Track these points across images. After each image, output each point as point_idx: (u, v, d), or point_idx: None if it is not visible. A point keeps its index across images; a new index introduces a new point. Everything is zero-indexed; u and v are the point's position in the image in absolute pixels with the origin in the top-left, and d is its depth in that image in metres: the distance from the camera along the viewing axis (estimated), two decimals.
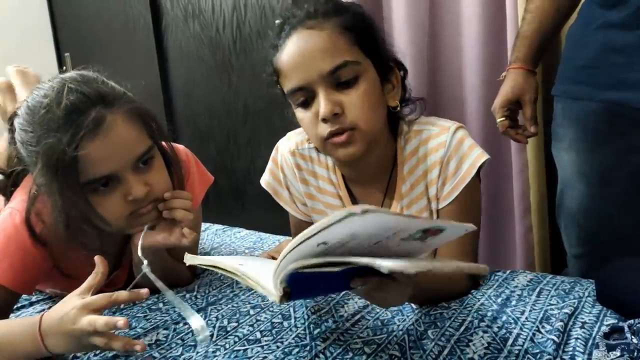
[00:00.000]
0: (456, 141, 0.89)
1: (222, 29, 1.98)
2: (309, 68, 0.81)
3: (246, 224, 1.54)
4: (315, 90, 0.82)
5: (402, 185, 0.93)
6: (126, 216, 0.84)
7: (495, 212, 1.57)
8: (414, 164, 0.92)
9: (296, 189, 1.00)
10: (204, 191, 1.06)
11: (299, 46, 0.82)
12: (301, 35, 0.83)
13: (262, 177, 1.05)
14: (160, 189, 0.87)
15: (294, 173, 0.99)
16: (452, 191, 0.90)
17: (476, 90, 1.48)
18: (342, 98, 0.82)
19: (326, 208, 0.99)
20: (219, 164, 2.16)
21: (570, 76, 1.03)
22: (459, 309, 0.84)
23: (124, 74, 0.92)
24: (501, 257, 1.59)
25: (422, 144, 0.91)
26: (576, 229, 1.09)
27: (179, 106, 2.24)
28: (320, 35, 0.81)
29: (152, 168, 0.86)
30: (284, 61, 0.84)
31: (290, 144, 1.00)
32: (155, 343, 0.79)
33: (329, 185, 0.98)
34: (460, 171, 0.89)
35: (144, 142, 0.84)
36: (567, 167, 1.06)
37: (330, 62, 0.81)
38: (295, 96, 0.85)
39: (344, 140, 0.83)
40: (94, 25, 2.45)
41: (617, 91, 0.94)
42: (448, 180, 0.90)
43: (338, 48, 0.81)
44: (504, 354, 0.70)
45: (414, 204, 0.94)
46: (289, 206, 1.02)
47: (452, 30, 1.50)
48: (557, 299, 0.85)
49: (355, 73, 0.82)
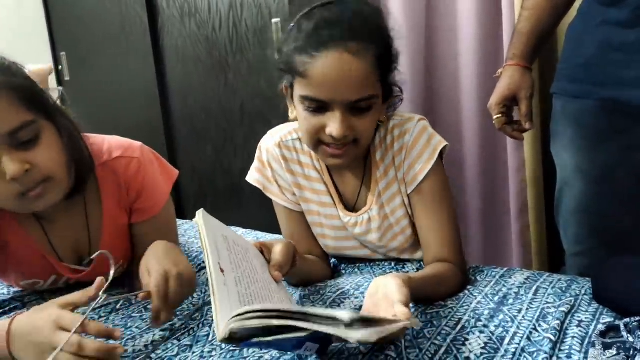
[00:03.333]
0: (419, 128, 0.95)
1: (219, 28, 1.97)
2: (339, 92, 0.83)
3: (243, 223, 1.54)
4: (332, 107, 0.85)
5: (377, 171, 0.98)
6: (15, 198, 0.81)
7: (492, 210, 1.57)
8: (384, 151, 0.98)
9: (284, 180, 1.03)
10: (170, 185, 1.04)
11: (337, 68, 0.82)
12: (342, 56, 0.81)
13: (249, 175, 1.07)
14: (48, 168, 0.82)
15: (280, 165, 1.02)
16: (417, 175, 0.95)
17: (473, 89, 1.48)
18: (354, 122, 0.86)
19: (313, 195, 1.02)
20: (215, 163, 2.15)
21: (569, 74, 1.03)
22: (456, 307, 0.84)
23: (120, 73, 0.91)
24: (498, 255, 1.60)
25: (389, 132, 0.97)
26: (575, 227, 1.09)
27: (176, 105, 2.23)
28: (359, 66, 0.82)
29: (36, 145, 0.81)
30: (315, 72, 0.83)
31: (275, 138, 1.03)
32: (152, 343, 0.78)
33: (314, 172, 1.02)
34: (423, 155, 0.94)
35: (16, 117, 0.79)
36: (566, 165, 1.06)
37: (358, 94, 0.84)
38: (308, 102, 0.86)
39: (340, 153, 0.88)
40: (90, 24, 2.44)
41: (616, 89, 0.94)
42: (413, 165, 0.95)
43: (369, 82, 0.84)
44: (500, 353, 0.70)
45: (390, 188, 0.98)
46: (280, 198, 1.05)
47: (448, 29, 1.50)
48: (553, 297, 0.85)
49: (372, 104, 0.86)
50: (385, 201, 0.98)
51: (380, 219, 0.99)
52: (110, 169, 0.95)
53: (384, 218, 0.99)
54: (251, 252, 0.80)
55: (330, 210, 1.02)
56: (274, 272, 0.81)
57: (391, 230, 1.00)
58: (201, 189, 2.23)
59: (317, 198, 1.02)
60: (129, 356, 0.75)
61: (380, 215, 0.99)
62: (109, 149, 0.97)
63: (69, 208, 0.94)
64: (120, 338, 0.69)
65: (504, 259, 1.59)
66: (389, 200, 0.99)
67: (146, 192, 0.98)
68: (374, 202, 0.98)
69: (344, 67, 0.81)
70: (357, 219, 1.00)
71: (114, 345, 0.67)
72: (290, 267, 0.86)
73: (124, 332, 0.83)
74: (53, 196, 0.85)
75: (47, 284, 1.00)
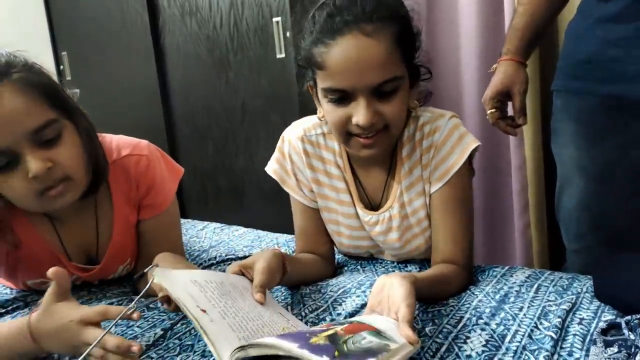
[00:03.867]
0: (451, 126, 0.92)
1: (220, 27, 1.97)
2: (359, 78, 0.80)
3: (244, 222, 1.54)
4: (355, 95, 0.82)
5: (402, 168, 0.95)
6: (34, 197, 0.81)
7: (493, 208, 1.57)
8: (411, 148, 0.95)
9: (304, 174, 1.01)
10: (176, 183, 1.05)
11: (354, 53, 0.79)
12: (358, 40, 0.79)
13: (268, 165, 1.05)
14: (69, 166, 0.83)
15: (301, 159, 1.00)
16: (444, 175, 0.92)
17: (473, 85, 1.48)
18: (381, 108, 0.83)
19: (332, 192, 1.01)
20: (217, 162, 2.16)
21: (569, 71, 1.03)
22: (457, 305, 0.83)
23: (121, 72, 0.91)
24: (500, 253, 1.60)
25: (419, 129, 0.94)
26: (576, 224, 1.09)
27: (177, 104, 2.23)
28: (377, 47, 0.79)
29: (58, 143, 0.82)
30: (333, 61, 0.81)
31: (298, 131, 1.01)
32: (153, 344, 0.79)
33: (335, 169, 1.00)
34: (452, 156, 0.91)
35: (41, 115, 0.80)
36: (567, 162, 1.06)
37: (380, 76, 0.81)
38: (330, 94, 0.84)
39: (371, 142, 0.86)
40: (91, 23, 2.44)
41: (615, 84, 0.94)
42: (441, 163, 0.92)
43: (391, 63, 0.81)
44: (502, 351, 0.70)
45: (413, 187, 0.96)
46: (296, 193, 1.03)
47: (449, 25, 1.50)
48: (555, 295, 0.85)
49: (397, 86, 0.83)
50: (407, 201, 0.96)
51: (400, 218, 0.96)
52: (119, 167, 0.96)
53: (404, 218, 0.97)
54: (227, 283, 0.78)
55: (348, 209, 1.00)
56: (255, 296, 0.77)
57: (410, 230, 0.98)
58: (203, 187, 2.23)
59: (335, 195, 1.01)
60: None
61: (401, 214, 0.96)
62: (118, 148, 0.98)
63: (80, 208, 0.95)
64: None
65: (506, 257, 1.58)
66: (411, 200, 0.96)
67: (155, 188, 0.99)
68: (396, 199, 0.96)
69: (361, 51, 0.79)
70: (378, 217, 0.98)
71: (131, 342, 0.69)
72: (281, 276, 0.85)
73: (125, 330, 0.83)
74: (71, 195, 0.85)
75: None
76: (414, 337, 0.63)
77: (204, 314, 0.67)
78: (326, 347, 0.57)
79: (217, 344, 0.62)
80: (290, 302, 0.90)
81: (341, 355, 0.56)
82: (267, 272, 0.80)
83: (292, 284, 0.96)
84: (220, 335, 0.64)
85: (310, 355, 0.55)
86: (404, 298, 0.69)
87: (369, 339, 0.61)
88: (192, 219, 1.60)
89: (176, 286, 0.70)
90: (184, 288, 0.70)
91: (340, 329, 0.63)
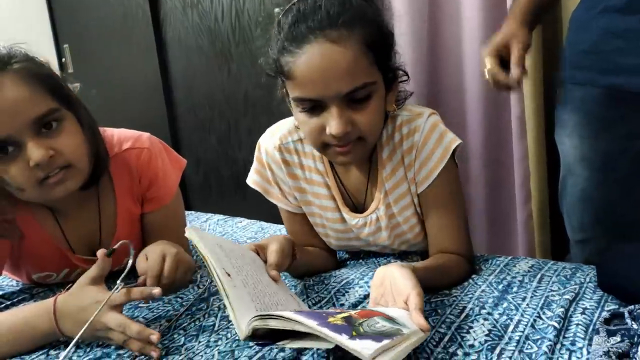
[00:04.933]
0: (429, 125, 0.90)
1: (221, 19, 1.97)
2: (326, 87, 0.77)
3: (247, 213, 1.55)
4: (327, 104, 0.79)
5: (383, 170, 0.93)
6: (35, 185, 0.82)
7: (496, 199, 1.56)
8: (391, 149, 0.93)
9: (285, 183, 0.99)
10: (179, 175, 1.06)
11: (319, 62, 0.76)
12: (322, 48, 0.76)
13: (249, 177, 1.03)
14: (71, 155, 0.83)
15: (281, 169, 0.98)
16: (429, 175, 0.91)
17: (477, 77, 1.47)
18: (354, 116, 0.80)
19: (314, 199, 0.99)
20: (220, 153, 2.16)
21: (573, 61, 1.03)
22: (460, 296, 0.84)
23: (123, 65, 0.91)
24: (502, 244, 1.60)
25: (397, 129, 0.92)
26: (579, 215, 1.09)
27: (179, 96, 2.23)
28: (343, 54, 0.76)
29: (60, 132, 0.83)
30: (299, 71, 0.78)
31: (274, 140, 0.98)
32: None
33: (316, 175, 0.97)
34: (435, 155, 0.90)
35: (42, 104, 0.81)
36: (570, 152, 1.06)
37: (349, 84, 0.77)
38: (301, 103, 0.81)
39: (347, 150, 0.83)
40: (92, 16, 2.44)
41: (618, 76, 0.93)
42: (424, 164, 0.91)
43: (359, 70, 0.78)
44: (504, 340, 0.70)
45: (398, 188, 0.94)
46: (281, 202, 1.01)
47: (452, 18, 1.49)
48: (558, 285, 0.85)
49: (370, 92, 0.80)
50: (393, 201, 0.95)
51: (387, 218, 0.95)
52: (121, 161, 0.97)
53: (391, 217, 0.96)
54: (248, 256, 0.80)
55: (333, 214, 0.98)
56: (271, 272, 0.79)
57: (399, 227, 0.97)
58: (206, 179, 2.24)
59: (318, 202, 0.99)
60: None
61: (387, 215, 0.95)
62: (119, 141, 0.98)
63: (83, 201, 0.95)
64: None
65: (508, 248, 1.58)
66: (397, 200, 0.95)
67: (158, 181, 1.00)
68: (381, 201, 0.95)
69: (327, 58, 0.76)
70: (365, 220, 0.97)
71: (152, 331, 0.71)
72: (291, 261, 0.86)
73: None
74: (72, 183, 0.85)
75: (60, 277, 1.01)
76: (426, 325, 0.64)
77: (229, 277, 0.68)
78: (344, 327, 0.58)
79: (237, 310, 0.63)
80: (294, 293, 0.91)
81: (358, 335, 0.57)
82: (281, 253, 0.82)
83: (297, 273, 0.97)
84: (241, 300, 0.65)
85: (332, 333, 0.56)
86: (413, 286, 0.70)
87: (382, 323, 0.62)
88: (196, 210, 1.60)
89: (207, 244, 0.71)
90: (212, 249, 0.71)
91: (354, 313, 0.64)
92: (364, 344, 0.55)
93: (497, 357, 0.66)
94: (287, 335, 0.61)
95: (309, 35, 0.77)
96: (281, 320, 0.59)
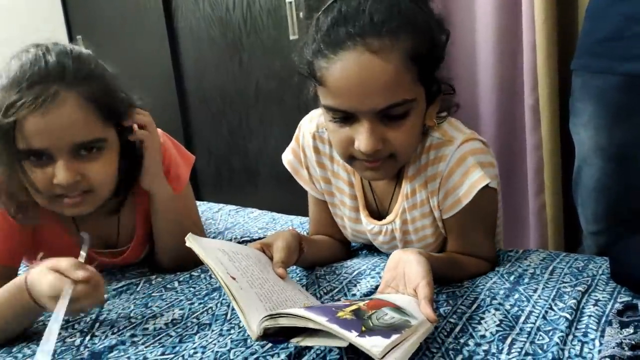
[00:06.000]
0: (458, 156, 0.82)
1: (232, 9, 1.97)
2: (360, 101, 0.71)
3: (259, 204, 1.55)
4: (359, 118, 0.74)
5: (406, 186, 0.89)
6: (50, 196, 0.83)
7: (509, 189, 1.56)
8: (416, 169, 0.88)
9: (314, 170, 0.99)
10: (188, 170, 1.06)
11: (355, 73, 0.70)
12: (361, 58, 0.69)
13: (284, 154, 1.02)
14: (96, 182, 0.84)
15: (313, 155, 0.97)
16: (454, 206, 0.85)
17: (490, 66, 1.46)
18: (387, 133, 0.74)
19: (337, 192, 0.98)
20: (231, 144, 2.16)
21: (589, 49, 1.01)
22: (471, 287, 0.84)
23: (135, 55, 0.91)
24: (515, 235, 1.59)
25: (425, 151, 0.86)
26: (593, 205, 1.08)
27: (191, 87, 2.24)
28: (384, 68, 0.69)
29: (96, 160, 0.83)
30: (332, 79, 0.72)
31: (312, 126, 0.95)
32: (172, 322, 0.80)
33: (343, 172, 0.96)
34: (460, 190, 0.83)
35: (91, 131, 0.82)
36: (585, 142, 1.05)
37: (387, 100, 0.71)
38: (332, 113, 0.76)
39: (376, 166, 0.78)
40: (105, 7, 2.45)
41: (637, 62, 0.92)
42: (449, 195, 0.85)
43: (399, 85, 0.71)
44: (515, 331, 0.70)
45: (417, 209, 0.90)
46: (308, 185, 1.00)
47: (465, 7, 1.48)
48: (570, 276, 0.85)
49: (407, 109, 0.74)
50: (410, 219, 0.90)
51: (401, 233, 0.92)
52: None
53: (405, 233, 0.93)
54: (253, 256, 0.80)
55: (350, 213, 0.97)
56: (277, 270, 0.78)
57: (411, 244, 0.94)
58: (217, 170, 2.25)
59: (340, 196, 0.98)
60: (151, 334, 0.77)
61: (402, 230, 0.92)
62: None
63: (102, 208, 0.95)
64: None
65: (521, 238, 1.58)
66: (414, 220, 0.90)
67: (170, 173, 1.00)
68: (399, 215, 0.91)
69: (365, 70, 0.69)
70: (381, 228, 0.94)
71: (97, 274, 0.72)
72: (298, 256, 0.85)
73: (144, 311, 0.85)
74: (86, 208, 0.86)
75: None
76: (433, 316, 0.64)
77: (234, 281, 0.68)
78: (353, 322, 0.58)
79: (246, 311, 0.64)
80: (305, 283, 0.91)
81: (367, 330, 0.57)
82: (287, 250, 0.81)
83: (307, 265, 0.97)
84: (249, 302, 0.66)
85: (341, 330, 0.56)
86: (423, 276, 0.69)
87: (391, 315, 0.62)
88: (207, 201, 1.61)
89: (206, 252, 0.72)
90: (213, 255, 0.72)
91: (363, 304, 0.64)
92: (374, 340, 0.55)
93: (509, 348, 0.66)
94: (300, 331, 0.61)
95: (347, 42, 0.70)
96: (291, 318, 0.59)
